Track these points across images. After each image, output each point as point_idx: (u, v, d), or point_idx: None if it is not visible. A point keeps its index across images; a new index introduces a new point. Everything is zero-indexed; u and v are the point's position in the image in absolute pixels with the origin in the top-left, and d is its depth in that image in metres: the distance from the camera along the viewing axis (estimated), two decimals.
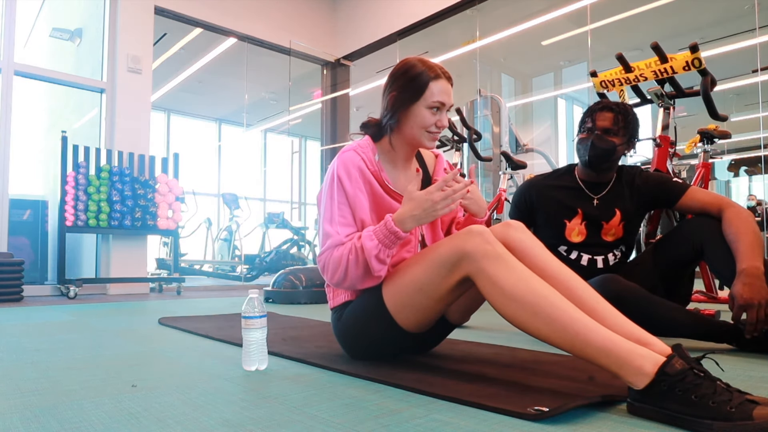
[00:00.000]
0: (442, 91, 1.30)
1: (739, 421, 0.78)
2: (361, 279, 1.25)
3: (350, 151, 1.32)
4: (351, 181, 1.28)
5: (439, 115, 1.31)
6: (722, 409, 0.80)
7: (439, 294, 1.19)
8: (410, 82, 1.29)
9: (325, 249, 1.26)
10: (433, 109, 1.30)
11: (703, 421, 0.81)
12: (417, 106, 1.29)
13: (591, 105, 1.84)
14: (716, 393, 0.82)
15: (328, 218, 1.28)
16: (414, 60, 1.33)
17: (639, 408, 0.90)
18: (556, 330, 0.99)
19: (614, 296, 1.40)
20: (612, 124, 1.74)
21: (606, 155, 1.75)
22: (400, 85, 1.31)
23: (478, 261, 1.09)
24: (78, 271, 4.91)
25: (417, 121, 1.30)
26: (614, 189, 1.83)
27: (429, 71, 1.30)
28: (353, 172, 1.29)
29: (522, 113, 6.99)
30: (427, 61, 1.33)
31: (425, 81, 1.28)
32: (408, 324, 1.25)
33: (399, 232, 1.20)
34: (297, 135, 9.08)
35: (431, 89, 1.29)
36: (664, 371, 0.86)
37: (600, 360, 0.94)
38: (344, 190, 1.28)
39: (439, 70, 1.31)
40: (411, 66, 1.31)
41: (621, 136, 1.75)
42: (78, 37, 5.65)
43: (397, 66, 1.35)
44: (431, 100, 1.29)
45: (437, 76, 1.30)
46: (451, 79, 1.34)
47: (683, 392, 0.83)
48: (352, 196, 1.28)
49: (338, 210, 1.28)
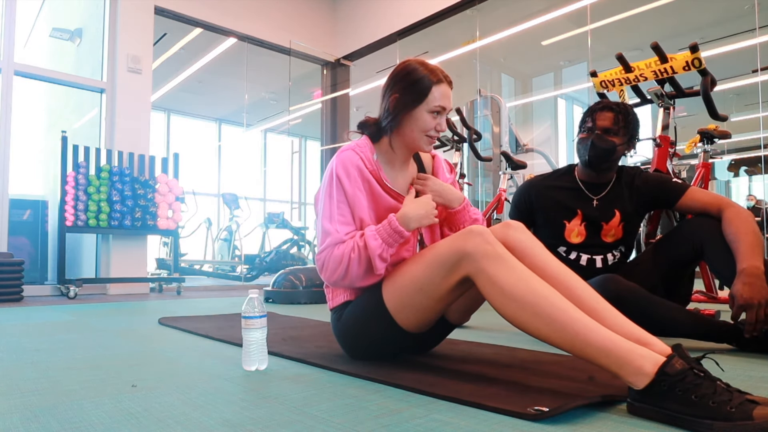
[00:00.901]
0: (443, 96, 1.31)
1: (739, 421, 0.77)
2: (361, 277, 1.25)
3: (349, 150, 1.32)
4: (350, 179, 1.29)
5: (439, 119, 1.32)
6: (722, 409, 0.80)
7: (439, 294, 1.19)
8: (412, 86, 1.29)
9: (324, 247, 1.26)
10: (434, 113, 1.31)
11: (703, 421, 0.80)
12: (419, 109, 1.30)
13: (591, 105, 1.84)
14: (716, 393, 0.82)
15: (327, 216, 1.28)
16: (416, 63, 1.33)
17: (639, 408, 0.90)
18: (556, 330, 0.99)
19: (614, 296, 1.40)
20: (612, 123, 1.74)
21: (606, 155, 1.75)
22: (402, 87, 1.31)
23: (479, 261, 1.09)
24: (78, 271, 4.91)
25: (418, 125, 1.31)
26: (614, 190, 1.83)
27: (431, 75, 1.30)
28: (352, 171, 1.29)
29: (522, 113, 6.99)
30: (429, 64, 1.33)
31: (428, 85, 1.29)
32: (408, 324, 1.26)
33: (403, 232, 1.22)
34: (297, 135, 9.09)
35: (433, 93, 1.29)
36: (664, 371, 0.86)
37: (600, 360, 0.94)
38: (343, 189, 1.28)
39: (441, 75, 1.31)
40: (413, 69, 1.31)
41: (621, 135, 1.75)
42: (78, 37, 5.65)
43: (398, 67, 1.35)
44: (433, 104, 1.29)
45: (439, 81, 1.30)
46: (451, 83, 1.34)
47: (683, 392, 0.83)
48: (351, 194, 1.28)
49: (337, 208, 1.28)
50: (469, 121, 3.64)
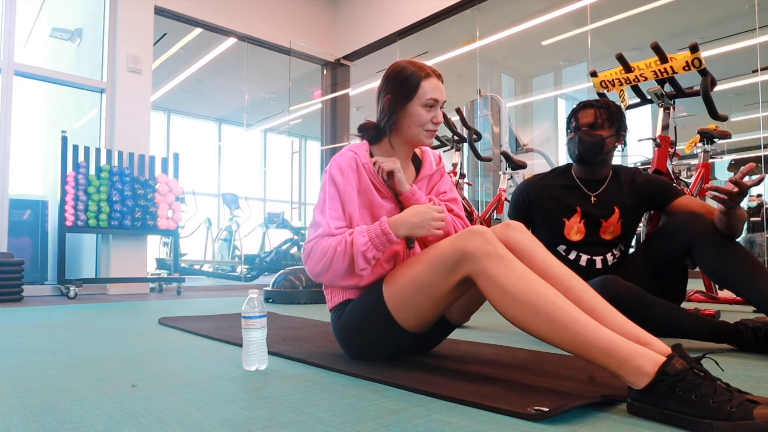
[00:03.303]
0: (434, 88, 1.34)
1: (740, 420, 0.78)
2: (342, 274, 1.27)
3: (347, 151, 1.38)
4: (343, 176, 1.33)
5: (434, 112, 1.36)
6: (723, 408, 0.80)
7: (439, 294, 1.20)
8: (403, 83, 1.34)
9: (313, 237, 1.30)
10: (427, 107, 1.34)
11: (703, 421, 0.80)
12: (412, 104, 1.34)
13: (574, 107, 1.87)
14: (716, 393, 0.82)
15: (320, 209, 1.34)
16: (403, 62, 1.38)
17: (639, 408, 0.90)
18: (557, 330, 0.99)
19: (614, 297, 1.40)
20: (594, 118, 1.78)
21: (595, 148, 1.77)
22: (393, 87, 1.36)
23: (480, 261, 1.10)
24: (78, 271, 4.91)
25: (414, 120, 1.35)
26: (611, 186, 1.84)
27: (419, 71, 1.35)
28: (346, 169, 1.34)
29: (522, 113, 6.99)
30: (416, 61, 1.38)
31: (417, 80, 1.34)
32: (408, 323, 1.26)
33: (391, 235, 1.24)
34: (297, 135, 9.08)
35: (423, 87, 1.33)
36: (664, 371, 0.86)
37: (600, 360, 0.94)
38: (335, 185, 1.33)
39: (428, 69, 1.36)
40: (402, 68, 1.37)
41: (607, 128, 1.78)
42: (78, 37, 5.65)
43: (388, 70, 1.40)
44: (425, 97, 1.34)
45: (428, 75, 1.35)
46: (440, 76, 1.38)
47: (683, 392, 0.84)
48: (343, 190, 1.32)
49: (330, 203, 1.32)
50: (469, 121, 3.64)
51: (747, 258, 1.54)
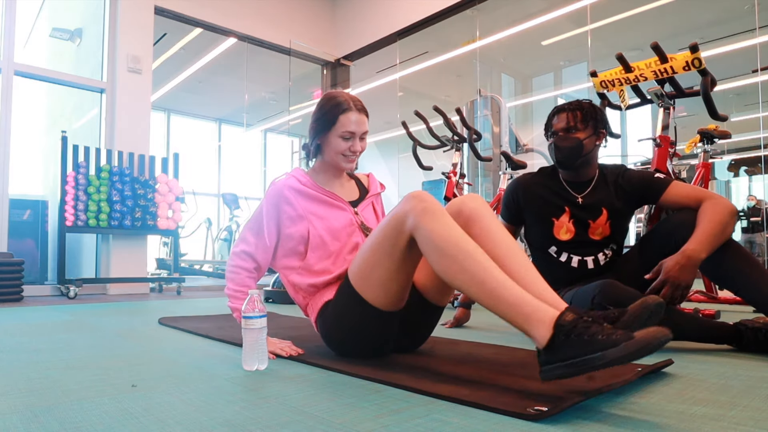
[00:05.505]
0: (351, 122, 1.46)
1: (624, 342, 0.87)
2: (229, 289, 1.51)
3: (283, 177, 1.54)
4: (267, 199, 1.50)
5: (352, 142, 1.48)
6: (610, 339, 0.89)
7: (394, 262, 1.25)
8: (324, 115, 1.49)
9: (237, 247, 1.51)
10: (343, 138, 1.47)
11: (595, 355, 0.89)
12: (330, 135, 1.48)
13: (549, 113, 1.88)
14: (604, 330, 0.91)
15: (249, 226, 1.53)
16: (331, 93, 1.52)
17: (549, 370, 0.96)
18: (476, 284, 1.06)
19: (614, 302, 1.40)
20: (567, 122, 1.78)
21: (573, 152, 1.77)
22: (317, 116, 1.51)
23: (415, 217, 1.17)
24: (78, 271, 4.91)
25: (332, 147, 1.49)
26: (598, 187, 1.83)
27: (340, 105, 1.47)
28: (273, 195, 1.49)
29: (522, 113, 6.99)
30: (343, 93, 1.51)
31: (335, 114, 1.47)
32: (379, 301, 1.30)
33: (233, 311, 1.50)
34: (297, 135, 9.08)
35: (341, 121, 1.46)
36: (558, 323, 0.95)
37: (510, 315, 1.02)
38: (262, 208, 1.50)
39: (350, 103, 1.48)
40: (327, 99, 1.50)
41: (583, 130, 1.77)
42: (78, 37, 5.65)
43: (320, 98, 1.54)
44: (341, 130, 1.47)
45: (347, 109, 1.46)
46: (363, 109, 1.50)
47: (577, 336, 0.92)
48: (266, 212, 1.49)
49: (255, 221, 1.51)
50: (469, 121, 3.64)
51: (746, 258, 1.54)
